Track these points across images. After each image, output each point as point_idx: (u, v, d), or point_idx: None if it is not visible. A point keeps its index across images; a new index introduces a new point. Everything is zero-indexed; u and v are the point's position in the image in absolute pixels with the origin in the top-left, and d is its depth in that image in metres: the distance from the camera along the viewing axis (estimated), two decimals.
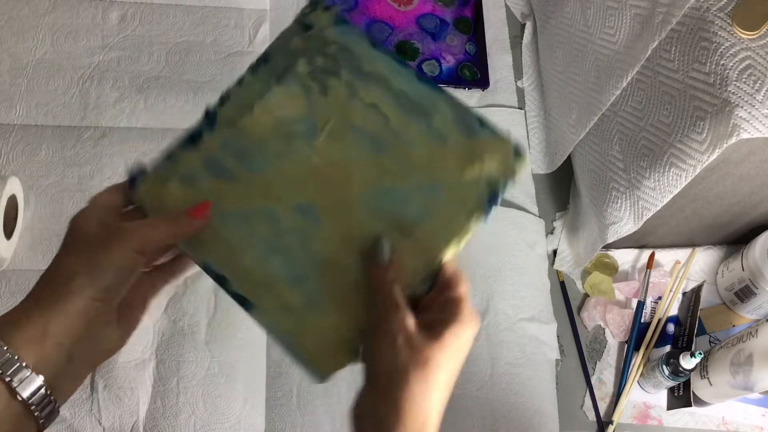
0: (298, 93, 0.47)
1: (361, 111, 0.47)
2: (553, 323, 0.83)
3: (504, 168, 0.47)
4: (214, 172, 0.46)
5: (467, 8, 0.99)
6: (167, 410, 0.70)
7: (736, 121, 0.61)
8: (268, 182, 0.46)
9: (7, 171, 0.77)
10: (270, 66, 0.49)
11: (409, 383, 0.41)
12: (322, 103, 0.47)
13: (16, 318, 0.41)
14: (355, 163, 0.46)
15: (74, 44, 0.85)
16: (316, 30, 0.50)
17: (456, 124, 0.46)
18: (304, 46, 0.49)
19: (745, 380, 0.73)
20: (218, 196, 0.46)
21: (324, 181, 0.46)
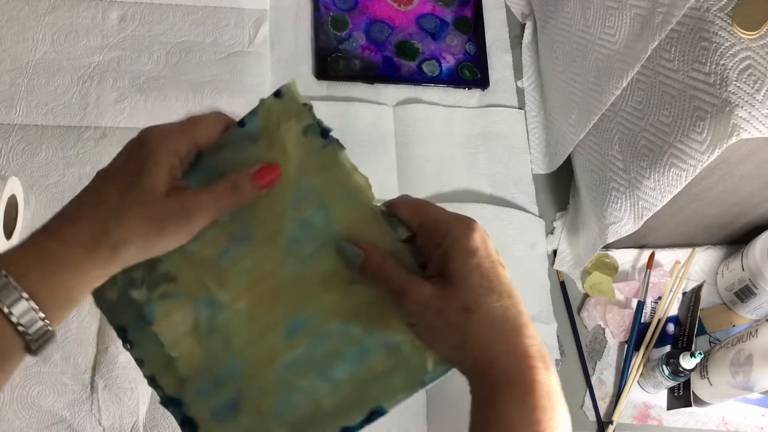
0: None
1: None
2: (553, 323, 0.83)
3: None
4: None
5: (467, 8, 0.99)
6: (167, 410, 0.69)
7: (736, 121, 0.61)
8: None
9: (7, 171, 0.77)
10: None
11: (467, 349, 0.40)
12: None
13: (48, 279, 0.40)
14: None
15: (74, 44, 0.85)
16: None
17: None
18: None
19: (745, 380, 0.73)
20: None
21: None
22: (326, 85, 0.91)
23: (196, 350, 0.48)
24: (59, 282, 0.40)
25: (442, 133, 0.91)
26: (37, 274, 0.39)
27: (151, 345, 0.48)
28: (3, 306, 0.38)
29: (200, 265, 0.47)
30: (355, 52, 0.92)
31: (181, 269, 0.47)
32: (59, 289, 0.40)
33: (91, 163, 0.79)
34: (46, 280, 0.40)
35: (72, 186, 0.78)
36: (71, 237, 0.41)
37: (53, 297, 0.40)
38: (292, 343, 0.45)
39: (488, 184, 0.89)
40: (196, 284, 0.47)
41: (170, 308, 0.47)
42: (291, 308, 0.46)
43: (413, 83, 0.93)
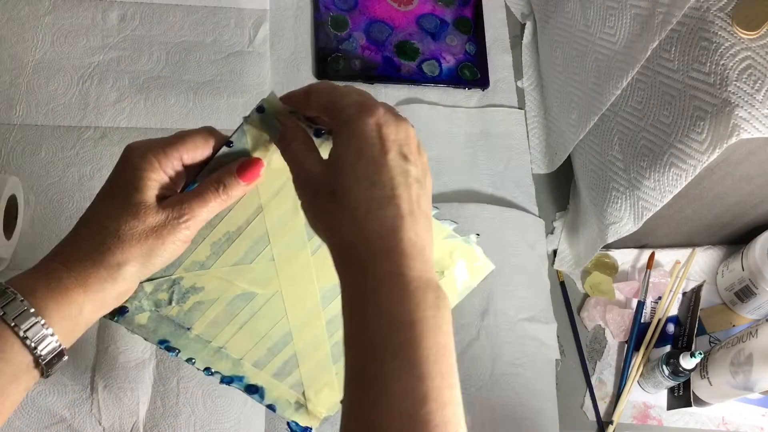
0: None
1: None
2: (553, 323, 0.83)
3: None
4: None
5: (467, 8, 0.99)
6: (167, 410, 0.70)
7: (736, 121, 0.61)
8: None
9: (7, 171, 0.77)
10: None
11: (331, 234, 0.39)
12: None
13: (56, 295, 0.41)
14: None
15: (74, 44, 0.85)
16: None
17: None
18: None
19: (745, 380, 0.73)
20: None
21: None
22: None
23: (241, 336, 0.53)
24: (69, 299, 0.41)
25: (442, 133, 0.91)
26: (45, 291, 0.41)
27: (197, 345, 0.52)
28: (19, 330, 0.39)
29: (223, 273, 0.50)
30: (355, 52, 0.92)
31: (205, 280, 0.50)
32: (70, 306, 0.41)
33: (91, 163, 0.79)
34: (54, 296, 0.41)
35: (72, 186, 0.78)
36: (74, 258, 0.42)
37: (63, 315, 0.41)
38: (329, 306, 0.53)
39: (488, 184, 0.89)
40: (225, 286, 0.51)
41: (205, 311, 0.51)
42: (320, 280, 0.51)
43: (413, 83, 0.93)
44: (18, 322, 0.39)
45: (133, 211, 0.42)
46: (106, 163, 0.79)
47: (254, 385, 0.55)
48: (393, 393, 0.35)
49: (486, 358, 0.78)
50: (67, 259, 0.42)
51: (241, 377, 0.54)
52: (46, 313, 0.40)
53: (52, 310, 0.40)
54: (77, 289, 0.41)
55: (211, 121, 0.84)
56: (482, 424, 0.75)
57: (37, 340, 0.40)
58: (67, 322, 0.41)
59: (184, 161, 0.44)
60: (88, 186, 0.78)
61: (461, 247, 0.54)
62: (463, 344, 0.78)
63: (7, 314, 0.39)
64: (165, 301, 0.50)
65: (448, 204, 0.85)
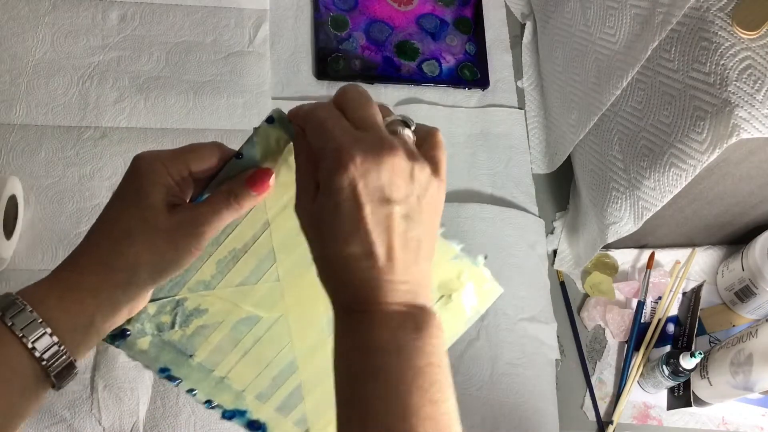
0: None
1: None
2: (553, 323, 0.83)
3: None
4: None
5: (467, 8, 0.99)
6: (167, 410, 0.70)
7: (736, 121, 0.61)
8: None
9: (7, 171, 0.77)
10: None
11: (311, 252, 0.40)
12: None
13: (67, 304, 0.41)
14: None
15: (74, 44, 0.85)
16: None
17: None
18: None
19: (745, 380, 0.73)
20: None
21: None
22: (326, 85, 0.91)
23: (245, 364, 0.51)
24: (80, 309, 0.41)
25: (443, 132, 0.91)
26: (56, 301, 0.40)
27: (199, 374, 0.51)
28: (28, 342, 0.38)
29: (228, 294, 0.49)
30: (355, 52, 0.92)
31: (209, 302, 0.49)
32: (80, 315, 0.41)
33: (91, 163, 0.79)
34: (64, 305, 0.40)
35: (72, 186, 0.78)
36: (86, 264, 0.42)
37: (74, 325, 0.41)
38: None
39: (488, 184, 0.89)
40: (229, 308, 0.49)
41: (209, 336, 0.50)
42: (326, 303, 0.47)
43: (413, 83, 0.93)
44: (26, 333, 0.39)
45: (143, 215, 0.42)
46: (106, 163, 0.79)
47: (256, 421, 0.53)
48: (376, 412, 0.38)
49: (486, 358, 0.78)
50: (77, 266, 0.42)
51: (243, 412, 0.53)
52: (56, 324, 0.40)
53: (61, 320, 0.40)
54: (88, 299, 0.41)
55: (211, 121, 0.84)
56: (482, 424, 0.75)
57: (46, 350, 0.39)
58: (78, 333, 0.41)
59: (192, 171, 0.44)
60: (88, 186, 0.78)
61: (469, 269, 0.52)
62: (463, 344, 0.78)
63: (16, 325, 0.38)
64: (167, 324, 0.49)
65: (448, 204, 0.85)
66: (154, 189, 0.42)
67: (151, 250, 0.42)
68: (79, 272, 0.41)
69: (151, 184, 0.42)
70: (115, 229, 0.42)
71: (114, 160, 0.79)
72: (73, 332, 0.41)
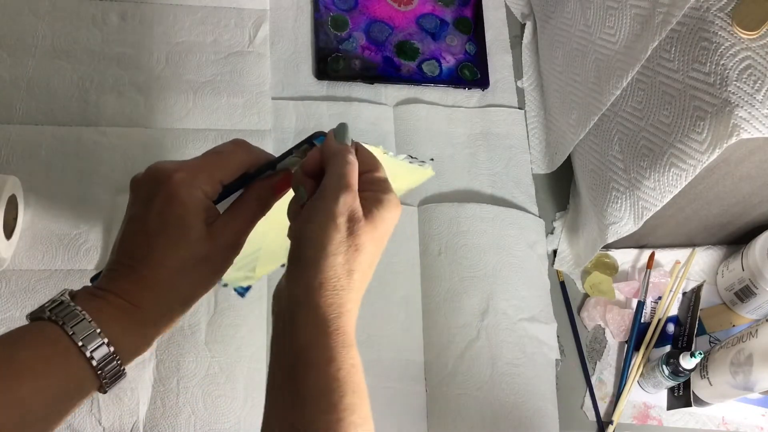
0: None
1: None
2: (553, 323, 0.83)
3: None
4: None
5: (467, 8, 0.99)
6: (167, 410, 0.70)
7: (736, 121, 0.61)
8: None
9: (7, 171, 0.77)
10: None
11: (333, 269, 0.42)
12: None
13: (130, 335, 0.44)
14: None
15: (74, 44, 0.85)
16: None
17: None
18: None
19: (745, 380, 0.73)
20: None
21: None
22: (326, 85, 0.91)
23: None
24: (140, 337, 0.45)
25: (442, 133, 0.91)
26: (119, 327, 0.43)
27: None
28: (87, 351, 0.41)
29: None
30: (355, 52, 0.92)
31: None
32: (138, 339, 0.45)
33: (91, 163, 0.79)
34: (126, 333, 0.43)
35: (72, 186, 0.78)
36: (147, 301, 0.44)
37: (131, 345, 0.44)
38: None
39: (488, 184, 0.89)
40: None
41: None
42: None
43: (413, 83, 0.93)
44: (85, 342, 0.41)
45: (192, 251, 0.44)
46: (106, 163, 0.79)
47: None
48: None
49: (486, 358, 0.78)
50: (140, 300, 0.44)
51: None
52: (118, 346, 0.43)
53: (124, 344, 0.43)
54: (150, 329, 0.45)
55: (211, 121, 0.84)
56: (482, 424, 0.75)
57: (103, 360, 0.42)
58: (135, 352, 0.45)
59: (224, 183, 0.47)
60: (88, 186, 0.78)
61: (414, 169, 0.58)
62: (463, 344, 0.78)
63: (76, 334, 0.41)
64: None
65: (449, 204, 0.85)
66: (197, 219, 0.44)
67: (201, 279, 0.46)
68: (138, 305, 0.44)
69: (194, 215, 0.44)
70: (167, 267, 0.44)
71: (114, 160, 0.79)
72: (129, 351, 0.44)
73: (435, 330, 0.79)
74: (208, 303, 0.74)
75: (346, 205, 0.43)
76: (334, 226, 0.42)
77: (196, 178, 0.45)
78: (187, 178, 0.44)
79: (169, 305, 0.45)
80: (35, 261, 0.74)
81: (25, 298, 0.72)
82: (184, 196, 0.44)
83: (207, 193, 0.45)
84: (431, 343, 0.78)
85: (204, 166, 0.46)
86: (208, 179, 0.45)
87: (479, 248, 0.83)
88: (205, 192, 0.45)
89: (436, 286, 0.81)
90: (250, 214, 0.47)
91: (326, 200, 0.43)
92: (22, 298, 0.72)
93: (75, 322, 0.41)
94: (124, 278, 0.44)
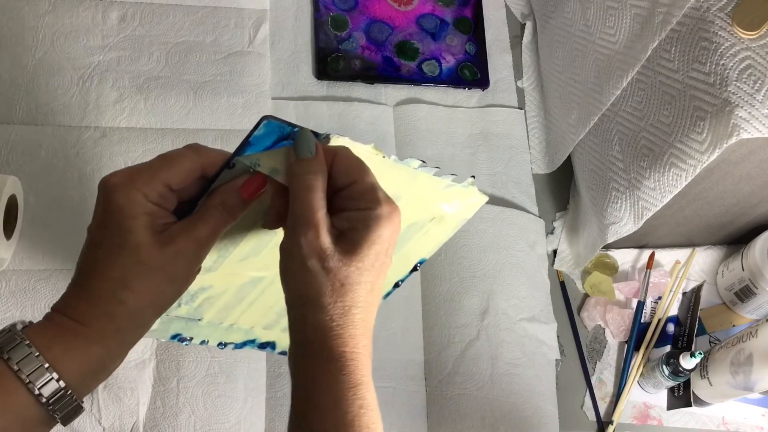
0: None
1: None
2: (553, 323, 0.83)
3: None
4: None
5: (467, 8, 0.99)
6: (167, 410, 0.70)
7: (736, 121, 0.61)
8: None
9: (7, 171, 0.77)
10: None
11: (325, 310, 0.39)
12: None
13: (75, 352, 0.40)
14: None
15: (74, 44, 0.85)
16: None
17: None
18: None
19: (745, 380, 0.73)
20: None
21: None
22: (326, 85, 0.91)
23: (251, 311, 0.55)
24: (88, 356, 0.40)
25: (442, 133, 0.91)
26: (62, 348, 0.39)
27: (208, 329, 0.54)
28: (35, 388, 0.38)
29: (231, 268, 0.50)
30: (355, 52, 0.92)
31: (213, 279, 0.50)
32: (89, 362, 0.40)
33: (91, 163, 0.79)
34: (72, 354, 0.40)
35: (72, 186, 0.78)
36: (87, 312, 0.41)
37: (82, 371, 0.40)
38: None
39: (488, 184, 0.89)
40: (233, 278, 0.51)
41: (215, 303, 0.53)
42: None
43: (413, 83, 0.93)
44: (32, 379, 0.38)
45: (135, 258, 0.40)
46: (106, 163, 0.79)
47: (266, 342, 0.60)
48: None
49: (486, 358, 0.78)
50: (78, 313, 0.41)
51: (253, 340, 0.58)
52: (63, 368, 0.39)
53: (69, 366, 0.39)
54: (95, 347, 0.41)
55: (210, 121, 0.84)
56: (482, 424, 0.75)
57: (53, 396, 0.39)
58: (86, 378, 0.41)
59: (172, 187, 0.42)
60: (88, 186, 0.78)
61: (460, 192, 0.54)
62: (463, 344, 0.78)
63: (22, 370, 0.38)
64: (174, 305, 0.49)
65: None
66: (136, 223, 0.40)
67: (151, 291, 0.41)
68: (82, 322, 0.40)
69: (131, 218, 0.40)
70: (110, 277, 0.41)
71: (114, 160, 0.79)
72: (81, 377, 0.40)
73: (435, 330, 0.79)
74: None
75: (309, 247, 0.39)
76: (308, 272, 0.39)
77: (133, 181, 0.41)
78: (121, 181, 0.41)
79: (116, 323, 0.41)
80: (35, 261, 0.74)
81: (25, 298, 0.72)
82: (120, 200, 0.40)
83: (148, 196, 0.41)
84: (431, 343, 0.78)
85: (144, 168, 0.42)
86: (148, 180, 0.41)
87: (479, 248, 0.83)
88: (146, 195, 0.41)
89: (436, 286, 0.81)
90: (213, 221, 0.42)
91: (292, 245, 0.40)
92: (22, 298, 0.72)
93: (21, 356, 0.38)
94: (71, 295, 0.41)
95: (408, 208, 0.49)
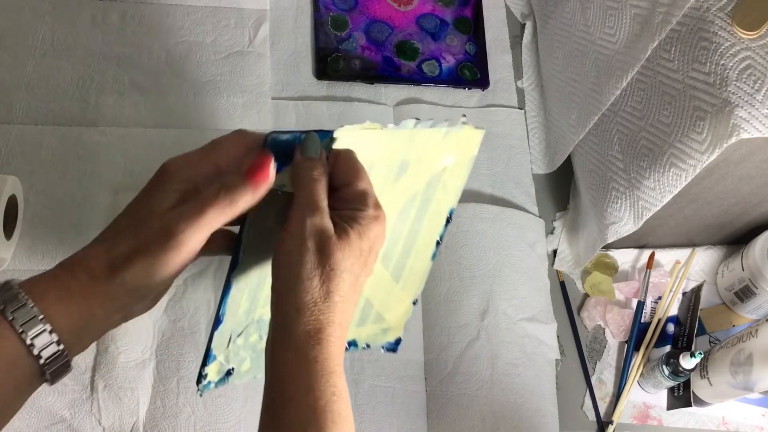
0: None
1: None
2: (553, 323, 0.83)
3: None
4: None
5: (467, 8, 0.99)
6: (167, 410, 0.70)
7: (736, 121, 0.61)
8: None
9: (7, 171, 0.77)
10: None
11: (309, 292, 0.41)
12: None
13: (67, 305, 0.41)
14: None
15: (74, 44, 0.85)
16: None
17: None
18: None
19: (745, 380, 0.73)
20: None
21: None
22: (326, 85, 0.91)
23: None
24: (78, 310, 0.41)
25: None
26: (56, 299, 0.40)
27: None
28: (27, 338, 0.39)
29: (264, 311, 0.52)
30: (355, 52, 0.92)
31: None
32: (80, 316, 0.41)
33: (91, 163, 0.79)
34: (64, 305, 0.40)
35: (72, 186, 0.78)
36: (86, 265, 0.42)
37: (73, 324, 0.41)
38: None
39: (488, 184, 0.89)
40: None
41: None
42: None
43: (413, 83, 0.93)
44: (26, 329, 0.39)
45: (143, 214, 0.43)
46: (106, 162, 0.79)
47: (347, 342, 0.61)
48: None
49: (486, 358, 0.78)
50: (75, 268, 0.42)
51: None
52: (55, 321, 0.40)
53: (61, 318, 0.40)
54: (92, 299, 0.41)
55: (211, 121, 0.84)
56: (482, 424, 0.75)
57: (44, 348, 0.39)
58: (76, 333, 0.41)
59: (220, 167, 0.45)
60: (88, 186, 0.78)
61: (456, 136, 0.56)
62: (463, 344, 0.78)
63: (16, 319, 0.39)
64: (257, 339, 0.52)
65: None
66: (165, 195, 0.43)
67: (141, 244, 0.42)
68: (80, 273, 0.41)
69: (164, 189, 0.44)
70: (113, 230, 0.44)
71: (114, 160, 0.79)
72: (71, 331, 0.40)
73: (435, 330, 0.79)
74: (207, 303, 0.74)
75: (313, 227, 0.42)
76: (305, 250, 0.41)
77: (188, 159, 0.45)
78: (178, 159, 0.45)
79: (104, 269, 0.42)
80: (35, 261, 0.74)
81: None
82: (170, 171, 0.44)
83: (197, 174, 0.44)
84: (431, 342, 0.79)
85: (195, 151, 0.45)
86: (200, 159, 0.45)
87: (479, 248, 0.83)
88: (196, 173, 0.44)
89: (436, 286, 0.81)
90: (206, 199, 0.42)
91: (293, 224, 0.42)
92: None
93: (15, 306, 0.39)
94: (80, 251, 0.43)
95: (418, 168, 0.53)
